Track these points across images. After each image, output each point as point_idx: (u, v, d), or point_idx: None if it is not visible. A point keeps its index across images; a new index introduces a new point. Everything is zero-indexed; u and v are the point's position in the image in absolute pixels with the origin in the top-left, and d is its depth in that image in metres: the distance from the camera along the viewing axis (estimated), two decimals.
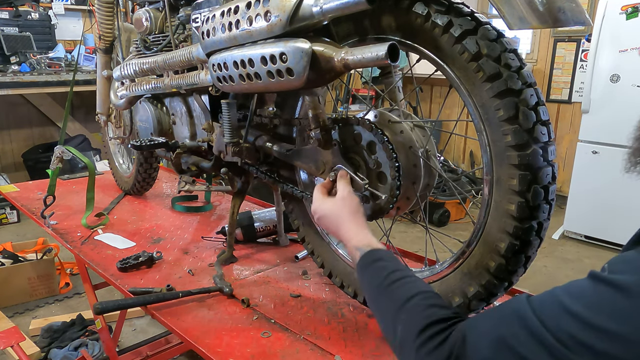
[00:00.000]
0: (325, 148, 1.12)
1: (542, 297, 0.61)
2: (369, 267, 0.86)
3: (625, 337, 0.52)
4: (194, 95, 1.52)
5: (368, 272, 0.86)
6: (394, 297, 0.79)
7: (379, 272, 0.84)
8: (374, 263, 0.86)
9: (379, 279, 0.83)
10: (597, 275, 0.58)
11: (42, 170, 3.59)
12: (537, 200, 0.87)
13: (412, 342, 0.70)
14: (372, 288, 0.84)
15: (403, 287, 0.79)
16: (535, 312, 0.59)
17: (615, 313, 0.53)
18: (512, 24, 0.84)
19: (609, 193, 3.87)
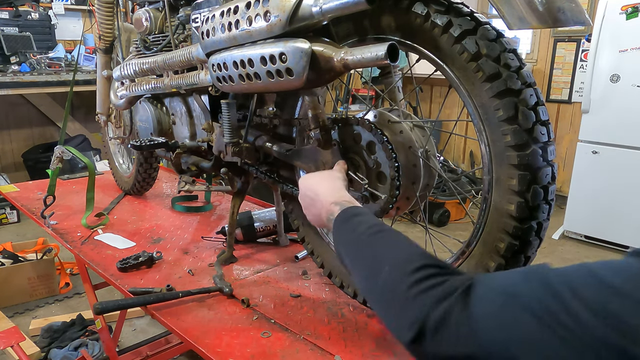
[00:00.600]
0: (325, 148, 1.12)
1: (570, 268, 0.55)
2: (353, 218, 0.81)
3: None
4: (193, 95, 1.52)
5: (351, 223, 0.80)
6: (382, 241, 0.73)
7: (363, 222, 0.79)
8: (358, 216, 0.81)
9: (364, 226, 0.77)
10: None
11: (42, 170, 3.59)
12: (536, 200, 0.87)
13: (404, 278, 0.63)
14: (354, 236, 0.78)
15: (392, 235, 0.74)
16: (561, 276, 0.53)
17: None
18: (512, 24, 0.84)
19: (609, 193, 3.87)
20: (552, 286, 0.51)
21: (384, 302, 0.67)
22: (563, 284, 0.51)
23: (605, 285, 0.49)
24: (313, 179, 0.98)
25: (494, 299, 0.55)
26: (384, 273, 0.67)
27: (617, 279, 0.49)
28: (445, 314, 0.57)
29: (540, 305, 0.50)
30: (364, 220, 0.79)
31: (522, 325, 0.51)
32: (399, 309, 0.63)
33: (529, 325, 0.50)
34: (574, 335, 0.48)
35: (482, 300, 0.56)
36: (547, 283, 0.52)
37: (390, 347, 1.09)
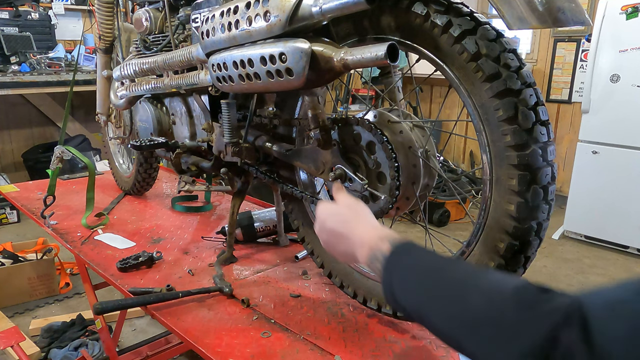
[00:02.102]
0: (325, 148, 1.12)
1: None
2: (411, 252, 0.72)
3: None
4: (193, 95, 1.52)
5: (412, 257, 0.71)
6: (459, 272, 0.65)
7: (423, 255, 0.71)
8: (416, 250, 0.72)
9: (427, 260, 0.69)
10: None
11: (42, 170, 3.60)
12: (536, 200, 0.87)
13: (508, 302, 0.55)
14: (420, 272, 0.68)
15: (464, 263, 0.67)
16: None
17: None
18: (512, 24, 0.84)
19: (608, 193, 3.87)
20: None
21: (483, 332, 0.57)
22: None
23: None
24: (343, 215, 0.87)
25: (620, 326, 0.47)
26: (477, 300, 0.58)
27: None
28: (569, 348, 0.49)
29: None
30: (425, 254, 0.71)
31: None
32: (508, 336, 0.54)
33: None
34: None
35: (603, 327, 0.48)
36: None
37: (390, 347, 1.09)
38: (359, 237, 0.81)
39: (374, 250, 0.76)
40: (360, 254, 0.80)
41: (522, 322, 0.53)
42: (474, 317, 0.58)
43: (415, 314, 0.68)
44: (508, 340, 0.54)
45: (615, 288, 0.51)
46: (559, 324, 0.50)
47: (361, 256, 0.80)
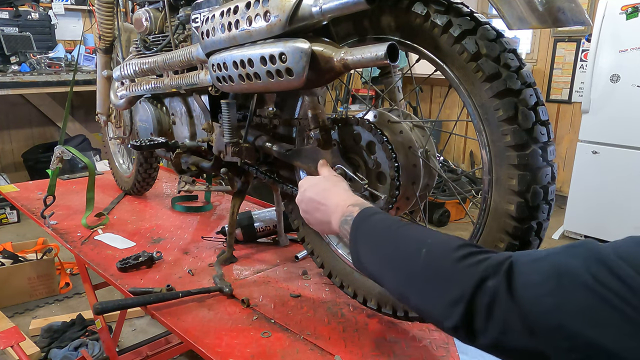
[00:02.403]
0: (325, 148, 1.12)
1: (617, 241, 0.54)
2: (374, 216, 0.79)
3: None
4: (193, 95, 1.52)
5: (373, 219, 0.79)
6: (412, 232, 0.71)
7: (386, 218, 0.78)
8: (379, 214, 0.80)
9: (389, 221, 0.76)
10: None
11: (42, 170, 3.60)
12: (536, 200, 0.87)
13: (447, 256, 0.62)
14: (379, 230, 0.76)
15: (420, 227, 0.73)
16: (605, 247, 0.53)
17: None
18: (512, 24, 0.84)
19: (609, 193, 3.87)
20: (601, 256, 0.51)
21: (424, 282, 0.65)
22: (611, 253, 0.51)
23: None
24: (321, 184, 0.96)
25: (539, 276, 0.54)
26: (423, 255, 0.65)
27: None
28: (494, 291, 0.56)
29: (592, 277, 0.50)
30: (387, 217, 0.79)
31: (570, 295, 0.51)
32: (444, 285, 0.61)
33: (583, 299, 0.50)
34: (629, 302, 0.47)
35: (525, 277, 0.55)
36: (597, 256, 0.51)
37: (391, 347, 1.09)
38: (334, 204, 0.88)
39: (346, 215, 0.84)
40: (334, 219, 0.87)
41: (456, 273, 0.60)
42: (418, 271, 0.66)
43: (374, 272, 0.76)
44: (443, 288, 0.61)
45: (542, 250, 0.58)
46: (489, 274, 0.57)
47: (334, 221, 0.87)
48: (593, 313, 0.49)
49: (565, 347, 0.50)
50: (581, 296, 0.50)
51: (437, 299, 0.62)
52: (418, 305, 0.67)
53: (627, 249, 0.51)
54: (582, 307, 0.50)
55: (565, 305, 0.51)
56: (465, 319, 0.58)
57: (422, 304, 0.66)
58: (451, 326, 0.60)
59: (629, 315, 0.47)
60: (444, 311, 0.61)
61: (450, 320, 0.60)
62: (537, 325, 0.53)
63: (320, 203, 0.92)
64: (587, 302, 0.49)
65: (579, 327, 0.49)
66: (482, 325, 0.57)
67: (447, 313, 0.60)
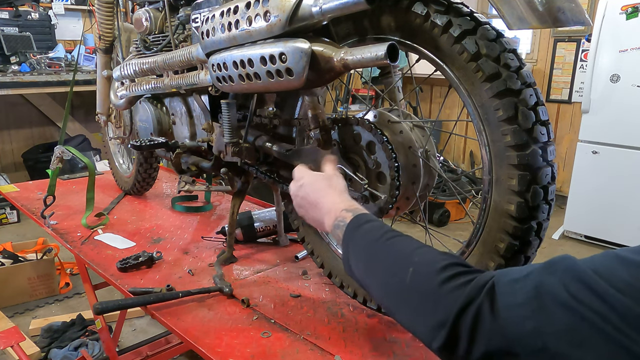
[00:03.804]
0: (325, 148, 1.12)
1: (594, 256, 0.55)
2: (365, 224, 0.79)
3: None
4: (193, 95, 1.52)
5: (364, 228, 0.79)
6: (400, 246, 0.71)
7: (377, 228, 0.77)
8: (371, 222, 0.80)
9: (379, 232, 0.75)
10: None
11: (42, 170, 3.60)
12: (536, 200, 0.87)
13: (433, 277, 0.62)
14: (370, 241, 0.76)
15: (409, 239, 0.73)
16: (583, 263, 0.53)
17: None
18: (512, 24, 0.84)
19: (609, 193, 3.87)
20: (578, 274, 0.51)
21: (410, 302, 0.65)
22: (589, 270, 0.50)
23: (629, 263, 0.49)
24: (317, 183, 0.96)
25: (520, 297, 0.54)
26: (410, 273, 0.65)
27: (639, 257, 0.49)
28: (476, 313, 0.57)
29: (571, 296, 0.50)
30: (378, 226, 0.79)
31: (551, 316, 0.51)
32: (430, 307, 0.62)
33: (564, 319, 0.50)
34: (609, 320, 0.47)
35: (507, 298, 0.55)
36: (574, 273, 0.51)
37: (390, 347, 1.09)
38: (327, 207, 0.89)
39: (338, 219, 0.84)
40: (326, 222, 0.88)
41: (440, 297, 0.61)
42: (404, 291, 0.66)
43: (362, 281, 0.77)
44: (428, 311, 0.62)
45: (523, 267, 0.59)
46: (473, 297, 0.58)
47: (327, 224, 0.88)
48: (574, 333, 0.49)
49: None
50: (562, 316, 0.50)
51: (422, 321, 0.63)
52: (404, 323, 0.68)
53: (604, 263, 0.51)
54: (563, 327, 0.49)
55: (547, 326, 0.51)
56: (450, 341, 0.59)
57: (408, 323, 0.67)
58: (437, 348, 0.61)
59: (609, 334, 0.47)
60: (430, 333, 0.61)
61: (435, 342, 0.60)
62: (520, 347, 0.53)
63: (313, 204, 0.93)
64: (568, 322, 0.49)
65: (561, 347, 0.49)
66: (466, 347, 0.58)
67: (432, 335, 0.61)
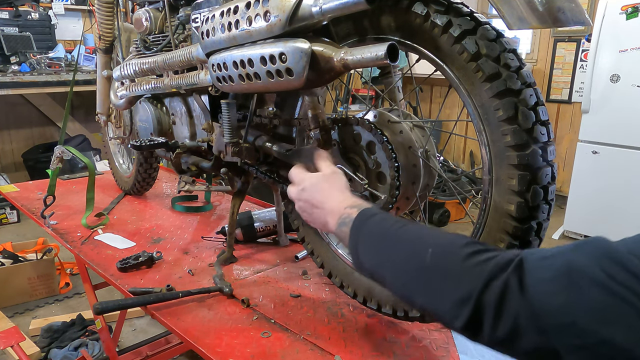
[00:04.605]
0: (325, 148, 1.12)
1: (627, 238, 0.54)
2: (374, 216, 0.78)
3: None
4: (193, 95, 1.52)
5: (374, 220, 0.77)
6: (415, 231, 0.71)
7: (387, 218, 0.76)
8: (379, 214, 0.79)
9: (390, 221, 0.75)
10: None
11: (42, 170, 3.60)
12: (536, 200, 0.87)
13: (455, 253, 0.61)
14: (382, 230, 0.75)
15: (422, 226, 0.71)
16: (621, 245, 0.52)
17: None
18: (512, 24, 0.84)
19: (609, 193, 3.87)
20: (612, 253, 0.50)
21: (431, 282, 0.64)
22: (623, 250, 0.50)
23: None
24: (318, 185, 0.94)
25: (550, 273, 0.53)
26: (429, 254, 0.64)
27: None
28: (503, 288, 0.55)
29: (604, 274, 0.49)
30: (387, 217, 0.78)
31: (583, 293, 0.50)
32: (452, 284, 0.60)
33: (595, 296, 0.49)
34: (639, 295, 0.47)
35: (536, 273, 0.54)
36: (608, 253, 0.51)
37: (390, 347, 1.09)
38: (330, 207, 0.88)
39: (343, 217, 0.83)
40: (330, 222, 0.87)
41: (464, 272, 0.60)
42: (424, 271, 0.65)
43: (375, 273, 0.75)
44: (451, 288, 0.60)
45: (553, 247, 0.57)
46: (497, 272, 0.56)
47: (332, 223, 0.86)
48: (606, 309, 0.48)
49: (577, 344, 0.50)
50: (593, 293, 0.49)
51: (444, 299, 0.61)
52: (424, 305, 0.66)
53: (638, 244, 0.51)
54: (594, 303, 0.49)
55: (578, 302, 0.50)
56: (474, 318, 0.58)
57: (429, 304, 0.65)
58: (460, 326, 0.59)
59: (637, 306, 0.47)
60: (452, 311, 0.60)
61: (459, 320, 0.59)
62: (548, 322, 0.52)
63: (316, 206, 0.92)
64: (600, 299, 0.49)
65: (591, 324, 0.49)
66: (491, 323, 0.56)
67: (455, 313, 0.59)
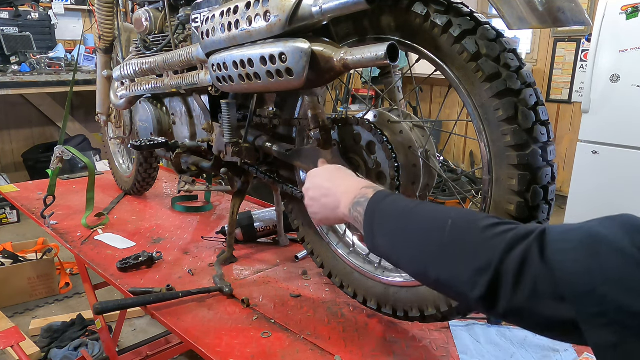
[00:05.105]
0: (325, 148, 1.12)
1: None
2: (391, 196, 0.78)
3: None
4: (193, 95, 1.52)
5: (391, 199, 0.77)
6: (433, 208, 0.70)
7: (404, 198, 0.76)
8: (395, 195, 0.79)
9: (407, 201, 0.75)
10: None
11: (42, 170, 3.60)
12: (536, 200, 0.87)
13: (475, 225, 0.61)
14: (399, 208, 0.74)
15: (439, 205, 0.71)
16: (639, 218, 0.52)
17: None
18: (512, 24, 0.84)
19: (609, 193, 3.87)
20: (638, 226, 0.51)
21: (449, 254, 0.63)
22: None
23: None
24: (331, 172, 0.94)
25: (573, 243, 0.53)
26: (449, 227, 0.64)
27: None
28: (524, 256, 0.55)
29: (630, 244, 0.49)
30: (402, 197, 0.78)
31: (606, 260, 0.50)
32: (471, 254, 0.60)
33: (618, 264, 0.49)
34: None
35: (558, 244, 0.54)
36: (632, 225, 0.51)
37: (390, 347, 1.09)
38: (344, 188, 0.87)
39: (358, 197, 0.82)
40: (343, 203, 0.85)
41: (484, 242, 0.60)
42: (442, 244, 0.64)
43: (390, 252, 0.75)
44: (469, 258, 0.60)
45: (578, 223, 0.56)
46: (518, 240, 0.56)
47: (344, 204, 0.85)
48: (628, 278, 0.48)
49: (595, 312, 0.50)
50: (617, 261, 0.49)
51: (463, 269, 0.61)
52: (440, 278, 0.65)
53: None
54: (616, 272, 0.49)
55: (600, 270, 0.50)
56: (493, 285, 0.57)
57: (446, 277, 0.64)
58: (479, 295, 0.59)
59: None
60: (471, 280, 0.59)
61: (477, 288, 0.58)
62: (568, 289, 0.52)
63: (329, 188, 0.90)
64: (623, 268, 0.49)
65: (611, 292, 0.48)
66: (509, 290, 0.56)
67: (474, 281, 0.59)
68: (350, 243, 1.30)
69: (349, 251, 1.28)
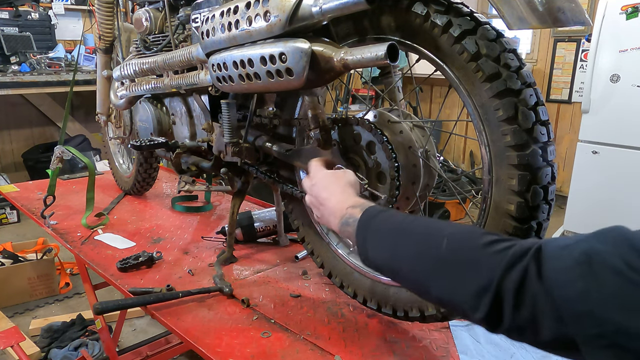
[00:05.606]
0: (325, 148, 1.12)
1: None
2: (381, 213, 0.77)
3: None
4: (193, 95, 1.52)
5: (382, 216, 0.77)
6: (427, 223, 0.70)
7: (395, 214, 0.76)
8: (386, 211, 0.79)
9: (399, 217, 0.74)
10: None
11: (42, 170, 3.60)
12: (536, 200, 0.87)
13: (472, 244, 0.61)
14: (392, 225, 0.74)
15: (433, 219, 0.71)
16: (635, 232, 0.53)
17: None
18: (512, 24, 0.84)
19: (609, 193, 3.87)
20: (632, 242, 0.51)
21: (448, 272, 0.63)
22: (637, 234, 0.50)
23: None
24: (323, 181, 0.95)
25: (569, 261, 0.52)
26: (445, 245, 0.63)
27: None
28: (522, 275, 0.55)
29: (624, 262, 0.49)
30: (395, 213, 0.78)
31: (601, 281, 0.49)
32: (471, 273, 0.60)
33: (614, 284, 0.49)
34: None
35: (554, 262, 0.54)
36: (627, 242, 0.51)
37: (390, 347, 1.09)
38: (331, 206, 0.89)
39: (345, 217, 0.83)
40: (333, 222, 0.87)
41: (482, 261, 0.59)
42: (440, 262, 0.64)
43: (387, 268, 0.75)
44: (469, 277, 0.60)
45: (570, 237, 0.57)
46: (516, 259, 0.56)
47: (334, 225, 0.87)
48: (624, 298, 0.48)
49: (594, 333, 0.49)
50: (612, 281, 0.49)
51: (463, 289, 0.61)
52: (441, 297, 0.65)
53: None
54: (612, 292, 0.49)
55: (596, 290, 0.49)
56: (495, 306, 0.57)
57: (447, 295, 0.64)
58: (481, 317, 0.59)
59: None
60: (472, 301, 0.59)
61: (479, 310, 0.58)
62: (566, 310, 0.52)
63: (321, 203, 0.92)
64: (618, 287, 0.48)
65: (609, 312, 0.48)
66: (511, 311, 0.56)
67: (475, 303, 0.59)
68: (350, 243, 1.30)
69: (349, 251, 1.28)
